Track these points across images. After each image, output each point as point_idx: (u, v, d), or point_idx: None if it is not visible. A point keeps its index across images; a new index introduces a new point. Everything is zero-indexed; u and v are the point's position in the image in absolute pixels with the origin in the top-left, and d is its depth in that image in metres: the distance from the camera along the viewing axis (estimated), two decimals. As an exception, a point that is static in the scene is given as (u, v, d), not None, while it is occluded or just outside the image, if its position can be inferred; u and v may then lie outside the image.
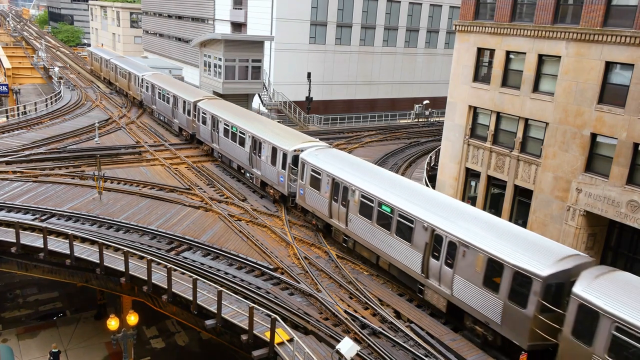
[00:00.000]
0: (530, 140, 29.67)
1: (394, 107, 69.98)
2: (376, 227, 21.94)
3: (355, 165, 24.96)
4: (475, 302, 17.81)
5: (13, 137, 38.14)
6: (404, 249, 20.59)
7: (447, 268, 18.76)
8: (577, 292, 15.00)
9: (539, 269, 15.87)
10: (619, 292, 14.64)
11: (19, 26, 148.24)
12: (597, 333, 14.48)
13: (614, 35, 24.67)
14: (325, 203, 24.87)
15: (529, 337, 16.14)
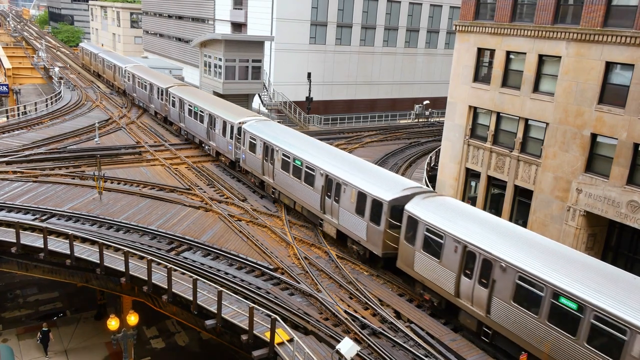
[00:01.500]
0: (531, 140, 29.67)
1: (394, 107, 69.99)
2: (292, 178, 27.08)
3: (282, 132, 30.45)
4: (351, 226, 23.33)
5: (13, 137, 38.14)
6: (310, 193, 25.84)
7: (335, 203, 24.19)
8: (407, 208, 20.56)
9: (386, 196, 21.52)
10: (433, 208, 20.03)
11: (19, 26, 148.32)
12: (417, 235, 19.94)
13: (614, 36, 24.67)
14: (259, 163, 30.13)
15: (382, 247, 21.75)
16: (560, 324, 15.25)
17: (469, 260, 17.96)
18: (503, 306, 16.87)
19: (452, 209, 19.99)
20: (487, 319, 17.58)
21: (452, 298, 18.80)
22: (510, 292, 16.58)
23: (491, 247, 17.31)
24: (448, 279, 18.76)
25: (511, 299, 16.60)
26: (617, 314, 13.89)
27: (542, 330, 15.78)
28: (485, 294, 17.40)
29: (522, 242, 17.52)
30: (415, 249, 20.08)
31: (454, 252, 18.40)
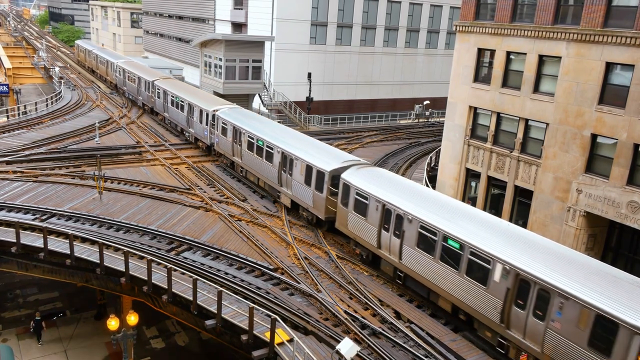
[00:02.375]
0: (531, 140, 29.66)
1: (394, 107, 69.99)
2: (256, 156, 30.29)
3: (250, 118, 33.62)
4: (301, 196, 26.71)
5: (13, 137, 38.15)
6: (270, 169, 29.02)
7: (289, 176, 27.48)
8: (342, 176, 23.97)
9: (327, 167, 25.11)
10: (363, 176, 23.50)
11: (20, 26, 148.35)
12: (349, 198, 23.39)
13: (614, 36, 24.67)
14: (229, 145, 33.31)
15: (325, 212, 25.24)
16: (448, 261, 18.74)
17: (387, 216, 21.47)
18: (410, 252, 20.35)
19: (378, 177, 23.60)
20: (399, 264, 21.11)
21: (375, 249, 22.37)
22: (415, 239, 20.08)
23: (402, 204, 20.90)
24: (372, 233, 22.28)
25: (416, 245, 20.05)
26: (484, 248, 17.45)
27: (436, 268, 19.22)
28: (398, 242, 20.88)
29: (427, 201, 21.04)
30: (348, 210, 23.65)
31: (376, 210, 21.95)
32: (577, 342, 14.83)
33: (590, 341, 14.54)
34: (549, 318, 15.49)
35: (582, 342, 14.69)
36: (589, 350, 14.56)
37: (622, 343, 13.80)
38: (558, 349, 15.36)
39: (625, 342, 13.71)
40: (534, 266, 16.12)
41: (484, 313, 17.63)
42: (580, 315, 14.69)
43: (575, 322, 14.83)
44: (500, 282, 16.89)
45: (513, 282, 16.46)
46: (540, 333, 15.84)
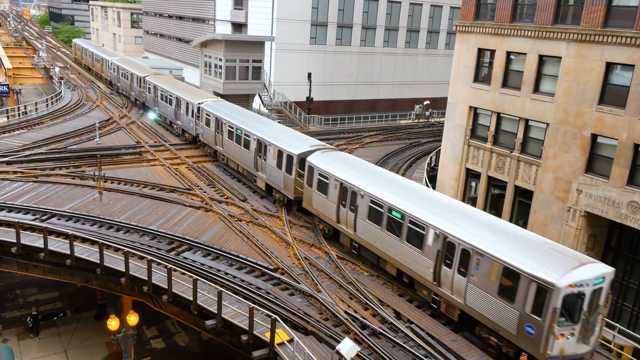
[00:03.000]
0: (531, 140, 29.67)
1: (394, 107, 69.99)
2: (235, 144, 32.74)
3: (231, 109, 35.93)
4: (274, 178, 29.01)
5: (14, 137, 38.15)
6: (247, 155, 31.36)
7: (264, 161, 29.81)
8: (308, 159, 26.10)
9: (296, 151, 27.14)
10: (326, 159, 25.70)
11: (20, 26, 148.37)
12: (313, 179, 25.48)
13: (614, 36, 24.67)
14: (212, 135, 35.56)
15: (294, 192, 27.45)
16: (392, 230, 21.00)
17: (344, 194, 23.72)
18: (363, 224, 22.62)
19: (339, 159, 25.84)
20: (355, 235, 23.36)
21: (335, 224, 24.59)
22: (366, 212, 22.40)
23: (356, 182, 23.11)
24: (332, 209, 24.50)
25: (367, 217, 22.34)
26: (420, 217, 19.82)
27: (383, 237, 21.49)
28: (353, 216, 23.13)
29: (379, 179, 23.34)
30: (312, 190, 25.75)
31: (335, 189, 24.16)
32: (490, 292, 17.21)
33: (500, 290, 16.90)
34: (470, 273, 17.84)
35: (494, 291, 17.07)
36: (499, 298, 16.92)
37: (522, 289, 16.18)
38: (476, 299, 17.71)
39: (525, 288, 16.09)
40: (458, 230, 18.46)
41: (421, 274, 19.94)
42: (492, 269, 17.05)
43: (488, 275, 17.20)
44: (432, 246, 19.22)
45: (442, 244, 18.83)
46: (463, 287, 18.14)
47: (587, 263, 16.44)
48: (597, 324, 16.31)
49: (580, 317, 15.90)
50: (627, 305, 26.65)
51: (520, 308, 16.21)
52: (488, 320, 17.40)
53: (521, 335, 16.36)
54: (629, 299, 26.58)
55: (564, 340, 15.83)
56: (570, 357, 16.16)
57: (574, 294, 15.49)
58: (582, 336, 16.11)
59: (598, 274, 16.01)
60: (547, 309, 15.50)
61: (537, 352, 16.10)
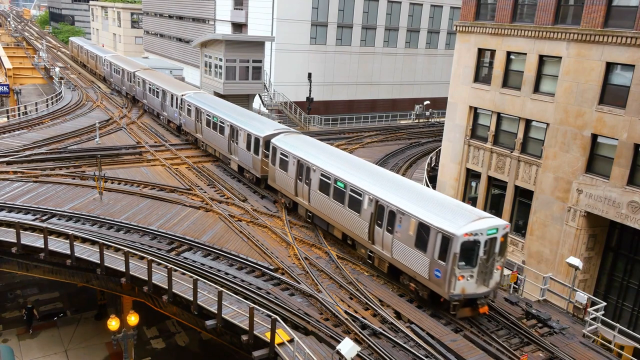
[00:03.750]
0: (531, 140, 29.68)
1: (394, 107, 69.99)
2: (212, 131, 35.83)
3: (210, 100, 38.91)
4: (244, 160, 31.90)
5: (14, 137, 38.16)
6: (222, 140, 34.15)
7: (235, 145, 32.47)
8: (272, 141, 28.74)
9: (262, 134, 30.03)
10: (288, 140, 28.36)
11: (20, 26, 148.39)
12: (276, 158, 28.27)
13: (614, 36, 24.68)
14: (193, 124, 38.61)
15: (261, 171, 30.38)
16: (338, 198, 23.89)
17: (300, 169, 26.37)
18: (315, 195, 25.51)
19: (299, 140, 28.55)
20: (309, 206, 26.14)
21: (294, 197, 27.41)
22: (318, 185, 25.12)
23: (310, 158, 25.91)
24: (291, 184, 27.23)
25: (318, 189, 25.08)
26: (359, 185, 22.66)
27: (331, 205, 24.39)
28: (307, 189, 25.91)
29: (330, 156, 26.22)
30: (275, 168, 28.51)
31: (293, 166, 26.80)
32: (409, 245, 20.15)
33: (416, 242, 19.84)
34: (395, 230, 20.77)
35: (412, 244, 20.04)
36: (415, 249, 19.86)
37: (432, 240, 19.09)
38: (399, 252, 20.70)
39: (434, 239, 19.00)
40: (387, 195, 21.50)
41: (359, 234, 22.91)
42: (410, 225, 19.99)
43: (408, 231, 20.12)
44: (367, 209, 22.16)
45: (375, 208, 21.78)
46: (390, 242, 21.10)
47: (484, 218, 19.42)
48: (495, 269, 19.27)
49: (478, 262, 18.81)
50: (628, 305, 26.65)
51: (431, 256, 19.19)
52: (408, 269, 20.44)
53: (432, 278, 19.33)
54: (629, 298, 26.59)
55: (465, 282, 18.80)
56: (470, 296, 19.09)
57: (470, 242, 18.45)
58: (481, 278, 19.02)
59: (491, 225, 18.95)
60: (449, 254, 18.47)
61: (443, 292, 19.04)
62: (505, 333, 19.36)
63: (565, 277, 25.91)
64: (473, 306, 19.70)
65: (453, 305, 19.28)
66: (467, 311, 19.72)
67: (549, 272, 25.85)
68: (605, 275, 27.38)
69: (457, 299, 19.02)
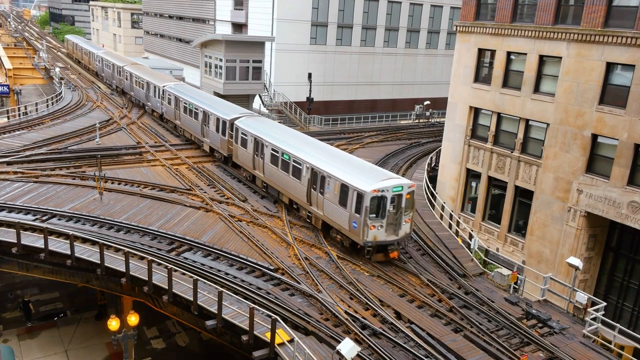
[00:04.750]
0: (531, 141, 29.68)
1: (394, 107, 69.96)
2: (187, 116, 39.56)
3: (187, 89, 42.85)
4: (214, 141, 35.54)
5: (14, 137, 38.16)
6: (195, 124, 38.21)
7: (207, 128, 36.39)
8: (236, 123, 32.72)
9: (228, 116, 33.87)
10: (248, 122, 32.31)
11: (20, 27, 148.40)
12: (239, 137, 32.20)
13: (614, 36, 24.68)
14: (172, 112, 42.39)
15: (227, 150, 34.25)
16: (284, 168, 27.71)
17: (257, 146, 30.29)
18: (268, 167, 29.32)
19: (258, 122, 32.56)
20: (264, 177, 30.15)
21: (252, 171, 31.32)
22: (269, 158, 28.99)
23: (264, 136, 29.69)
24: (250, 159, 31.16)
25: (270, 162, 28.95)
26: (300, 156, 26.56)
27: (280, 175, 28.22)
28: (262, 162, 29.89)
29: (280, 133, 30.49)
30: (238, 146, 32.38)
31: (252, 143, 30.75)
32: (335, 203, 24.04)
33: (339, 200, 23.67)
34: (325, 192, 24.64)
35: (336, 201, 23.88)
36: (339, 205, 23.73)
37: (350, 197, 23.02)
38: (329, 210, 24.63)
39: (352, 196, 22.95)
40: (320, 163, 25.39)
41: (301, 198, 26.73)
42: (335, 186, 23.90)
43: (334, 191, 24.02)
44: (305, 176, 25.97)
45: (311, 174, 25.59)
46: (322, 202, 25.03)
47: (392, 178, 23.64)
48: (403, 222, 23.27)
49: (386, 214, 22.72)
50: (628, 306, 26.65)
51: (350, 210, 23.09)
52: (335, 223, 24.34)
53: (351, 229, 23.23)
54: (629, 299, 26.58)
55: (376, 231, 22.72)
56: (381, 243, 23.15)
57: (378, 197, 22.43)
58: (390, 228, 23.01)
59: (396, 183, 23.05)
60: (362, 208, 22.41)
61: (359, 239, 23.06)
62: (506, 333, 19.37)
63: (565, 277, 25.91)
64: (385, 252, 23.64)
65: (367, 250, 23.34)
66: (380, 256, 23.69)
67: (549, 272, 25.84)
68: (606, 275, 27.37)
69: (370, 245, 22.99)
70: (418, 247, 25.98)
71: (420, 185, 34.99)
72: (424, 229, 28.02)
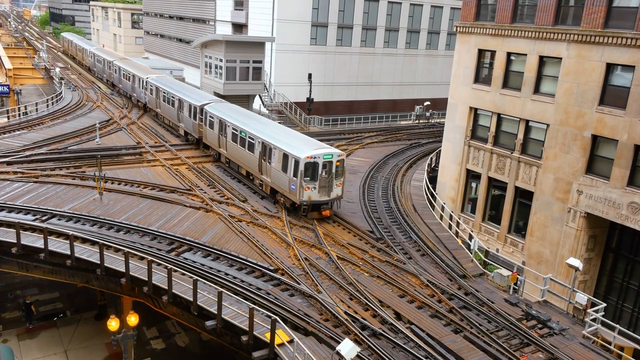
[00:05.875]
0: (531, 141, 29.68)
1: (394, 108, 69.95)
2: (164, 103, 44.16)
3: (166, 80, 47.41)
4: (188, 125, 39.63)
5: (14, 137, 38.16)
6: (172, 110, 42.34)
7: (182, 113, 40.65)
8: (205, 108, 36.83)
9: (199, 103, 37.81)
10: (215, 107, 36.47)
11: (21, 27, 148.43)
12: (207, 120, 36.40)
13: (615, 37, 24.69)
14: (154, 101, 46.39)
15: (198, 132, 38.14)
16: (242, 144, 31.89)
17: (221, 126, 34.48)
18: (230, 144, 33.50)
19: (224, 106, 36.85)
20: (227, 153, 34.34)
21: (218, 149, 35.52)
22: (231, 136, 33.22)
23: (227, 117, 34.03)
24: (216, 138, 35.42)
25: (231, 139, 33.22)
26: (254, 132, 30.82)
27: (239, 150, 32.45)
28: (225, 140, 34.22)
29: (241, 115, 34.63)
30: (207, 128, 36.62)
31: (217, 124, 34.93)
32: (278, 169, 28.28)
33: (282, 167, 27.93)
34: (271, 161, 28.88)
35: (280, 168, 28.13)
36: (281, 171, 27.97)
37: (289, 164, 27.31)
38: (274, 176, 28.86)
39: (291, 163, 27.24)
40: (268, 137, 29.62)
41: (254, 168, 30.94)
42: (279, 155, 28.13)
43: (278, 160, 28.27)
44: (258, 149, 30.17)
45: (262, 147, 29.77)
46: (270, 170, 29.23)
47: (323, 147, 28.17)
48: (335, 185, 27.61)
49: (318, 178, 27.00)
50: (628, 306, 26.65)
51: (289, 175, 27.39)
52: (279, 187, 28.59)
53: (290, 191, 27.56)
54: (629, 299, 26.58)
55: (310, 191, 27.11)
56: (315, 202, 27.48)
57: (311, 162, 26.76)
58: (322, 190, 27.35)
59: (327, 152, 27.43)
60: (298, 172, 26.72)
61: (296, 199, 27.38)
62: (505, 334, 19.37)
63: (565, 278, 25.90)
64: (319, 211, 27.83)
65: (303, 208, 27.53)
66: (315, 214, 27.98)
67: (549, 273, 25.84)
68: (605, 276, 27.37)
69: (305, 204, 27.32)
70: (418, 247, 25.98)
71: (420, 185, 35.01)
72: (423, 229, 28.02)
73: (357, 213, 29.64)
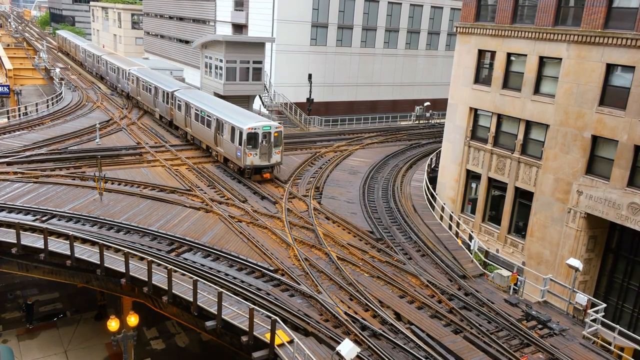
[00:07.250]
0: (531, 142, 29.68)
1: (394, 108, 69.94)
2: (144, 92, 49.16)
3: (146, 71, 52.37)
4: (162, 110, 44.99)
5: (14, 138, 38.16)
6: (150, 97, 47.42)
7: (157, 99, 45.69)
8: (175, 93, 41.92)
9: (170, 89, 42.85)
10: (184, 92, 41.62)
11: (21, 27, 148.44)
12: (176, 104, 41.50)
13: (615, 38, 24.69)
14: (135, 89, 51.51)
15: (169, 116, 43.10)
16: (203, 122, 37.01)
17: (187, 109, 39.52)
18: (194, 123, 38.63)
19: (190, 91, 42.01)
20: (191, 132, 39.34)
21: (184, 128, 40.33)
22: (194, 116, 38.39)
23: (191, 101, 39.07)
24: (183, 119, 40.37)
25: (194, 119, 38.30)
26: (211, 112, 35.88)
27: (201, 128, 37.45)
28: (190, 120, 39.15)
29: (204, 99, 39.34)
30: (176, 111, 41.59)
31: (184, 107, 39.91)
32: (228, 140, 33.54)
33: (231, 138, 33.21)
34: (223, 133, 34.25)
35: (229, 139, 33.40)
36: (230, 141, 33.26)
37: (236, 135, 32.68)
38: (226, 147, 34.19)
39: (237, 134, 32.63)
40: (221, 114, 34.89)
41: (211, 142, 36.16)
42: (229, 128, 33.45)
43: (229, 132, 33.52)
44: (213, 125, 35.37)
45: (216, 123, 34.98)
46: (222, 142, 34.44)
47: (263, 120, 33.98)
48: (274, 153, 32.93)
49: (259, 146, 32.34)
50: (628, 307, 26.64)
51: (236, 144, 32.70)
52: (230, 155, 33.86)
53: (237, 158, 32.92)
54: (629, 300, 26.57)
55: (252, 157, 32.40)
56: (257, 167, 32.78)
57: (252, 133, 32.17)
58: (263, 156, 32.67)
59: (265, 124, 32.97)
60: (242, 141, 32.13)
61: (241, 164, 32.70)
62: (506, 334, 19.37)
63: (565, 279, 25.90)
64: (260, 174, 33.04)
65: (247, 172, 32.75)
66: (257, 177, 33.11)
67: (549, 273, 25.84)
68: (605, 276, 27.37)
69: (248, 168, 32.61)
70: (418, 248, 25.98)
71: (421, 186, 35.02)
72: (424, 229, 28.02)
73: (357, 213, 29.65)
